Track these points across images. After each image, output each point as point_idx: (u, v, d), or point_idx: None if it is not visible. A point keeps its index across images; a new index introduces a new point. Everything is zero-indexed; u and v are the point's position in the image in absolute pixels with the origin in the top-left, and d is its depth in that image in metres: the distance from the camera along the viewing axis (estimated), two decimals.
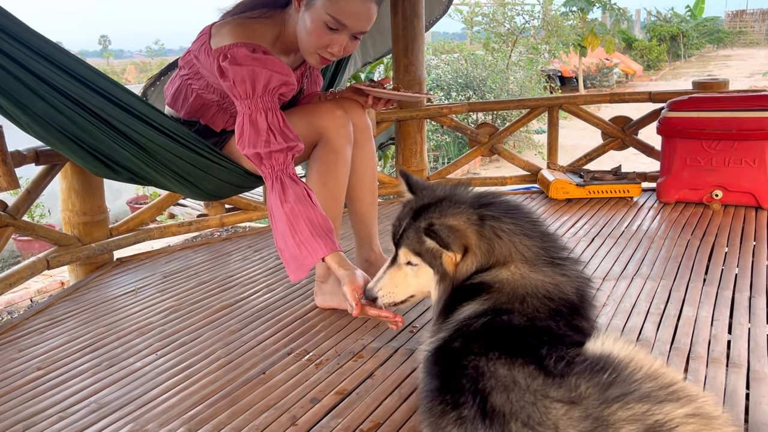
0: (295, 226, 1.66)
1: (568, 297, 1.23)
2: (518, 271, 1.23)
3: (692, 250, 2.41)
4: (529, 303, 1.20)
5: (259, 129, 1.73)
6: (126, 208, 6.56)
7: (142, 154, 1.95)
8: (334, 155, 1.92)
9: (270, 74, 1.74)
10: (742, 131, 2.84)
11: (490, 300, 1.22)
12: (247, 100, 1.74)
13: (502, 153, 3.65)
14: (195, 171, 1.99)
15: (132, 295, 2.23)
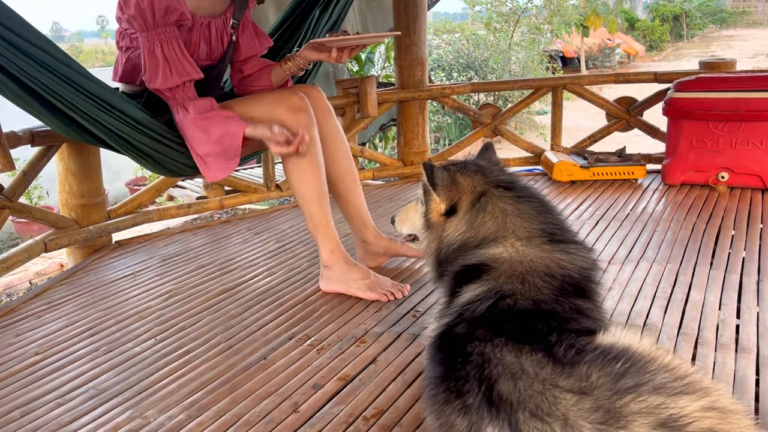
0: (207, 123, 1.86)
1: (571, 274, 1.20)
2: (513, 248, 1.22)
3: (698, 233, 2.37)
4: (530, 282, 1.18)
5: (157, 61, 1.82)
6: (125, 190, 6.52)
7: (109, 132, 1.94)
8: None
9: (153, 1, 1.76)
10: (749, 112, 2.80)
11: (490, 281, 1.20)
12: (145, 32, 1.81)
13: (505, 134, 3.60)
14: (155, 154, 1.99)
15: (131, 279, 2.20)
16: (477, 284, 1.21)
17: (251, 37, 2.14)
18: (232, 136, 1.85)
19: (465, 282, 1.23)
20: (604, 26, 14.24)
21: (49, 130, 2.23)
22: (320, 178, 1.95)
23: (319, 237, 1.96)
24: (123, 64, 1.99)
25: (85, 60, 18.98)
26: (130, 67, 1.98)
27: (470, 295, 1.21)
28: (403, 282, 2.01)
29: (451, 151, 3.69)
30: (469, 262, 1.25)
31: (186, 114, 1.89)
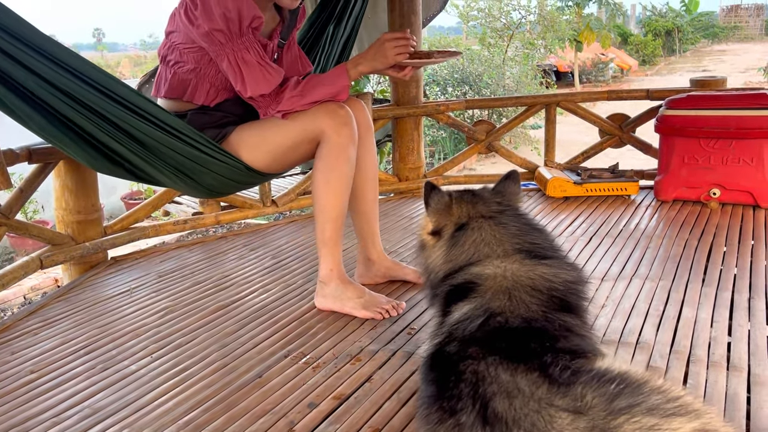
0: (306, 90, 1.88)
1: (557, 287, 1.22)
2: (495, 266, 1.25)
3: (690, 249, 2.40)
4: (517, 297, 1.19)
5: (251, 66, 1.82)
6: (120, 204, 6.52)
7: (139, 149, 1.87)
8: (337, 154, 1.89)
9: (239, 7, 1.78)
10: (740, 130, 2.83)
11: (477, 298, 1.22)
12: (229, 43, 1.81)
13: (499, 151, 3.63)
14: (194, 166, 1.92)
15: (126, 296, 2.20)
16: (465, 302, 1.23)
17: (295, 59, 2.16)
18: (336, 90, 1.91)
19: (454, 301, 1.25)
20: (598, 41, 14.37)
21: (47, 147, 2.25)
22: (345, 196, 1.94)
23: (324, 252, 1.96)
24: (169, 80, 1.96)
25: None
26: (176, 82, 1.96)
27: (459, 314, 1.23)
28: (398, 299, 2.03)
29: (446, 166, 3.71)
30: (456, 281, 1.28)
31: (279, 103, 1.89)
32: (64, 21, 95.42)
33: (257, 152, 1.95)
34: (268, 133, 1.94)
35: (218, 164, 1.94)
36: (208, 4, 1.77)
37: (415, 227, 2.91)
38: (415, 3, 3.32)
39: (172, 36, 1.91)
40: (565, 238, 2.62)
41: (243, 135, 1.96)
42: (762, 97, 2.83)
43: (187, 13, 1.80)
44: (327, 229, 1.94)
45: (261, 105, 1.91)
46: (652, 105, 3.36)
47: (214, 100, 1.99)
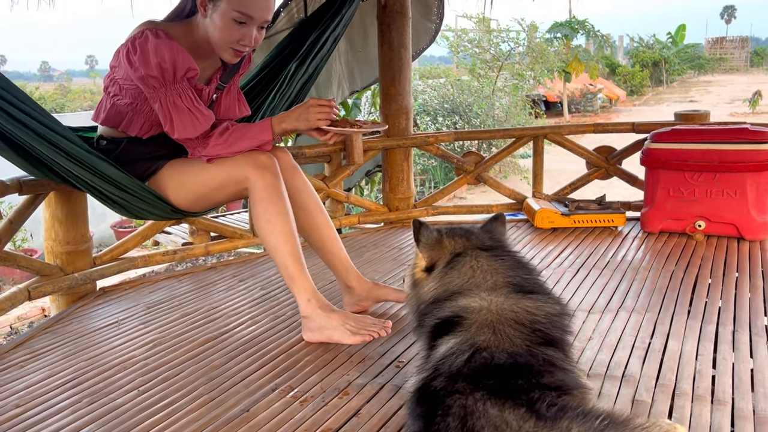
0: (231, 140, 1.99)
1: (539, 320, 1.24)
2: (481, 298, 1.27)
3: (676, 281, 2.43)
4: (501, 332, 1.21)
5: (181, 111, 1.94)
6: (110, 232, 6.51)
7: (79, 180, 2.09)
8: (267, 195, 1.98)
9: (174, 59, 1.89)
10: (723, 163, 2.89)
11: (462, 332, 1.23)
12: (162, 88, 1.92)
13: (488, 182, 3.67)
14: (124, 202, 2.13)
15: (114, 327, 2.20)
16: (451, 336, 1.25)
17: (233, 102, 2.26)
18: (259, 141, 2.03)
19: (440, 335, 1.26)
20: (586, 72, 14.62)
21: (37, 179, 2.26)
22: (289, 228, 1.98)
23: (294, 288, 1.99)
24: (107, 109, 2.08)
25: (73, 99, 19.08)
26: (114, 112, 2.08)
27: (445, 348, 1.24)
28: (388, 318, 2.04)
29: (436, 197, 3.75)
30: (442, 314, 1.30)
31: (209, 143, 2.00)
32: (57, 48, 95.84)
33: (182, 192, 2.09)
34: (194, 175, 2.07)
35: (143, 202, 2.11)
36: (146, 52, 1.88)
37: (404, 257, 2.93)
38: (405, 37, 3.39)
39: (115, 70, 2.02)
40: (552, 269, 2.65)
41: (171, 172, 2.09)
42: (743, 132, 2.89)
43: (128, 55, 1.91)
44: (288, 264, 1.98)
45: (188, 146, 2.04)
46: (637, 138, 3.42)
47: (147, 133, 2.11)
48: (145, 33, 1.90)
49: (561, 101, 15.40)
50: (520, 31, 11.93)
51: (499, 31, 11.98)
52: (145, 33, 1.90)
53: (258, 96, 2.59)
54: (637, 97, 21.19)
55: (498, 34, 11.89)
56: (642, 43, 26.29)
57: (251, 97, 2.56)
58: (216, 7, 1.91)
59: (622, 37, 30.70)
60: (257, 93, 2.59)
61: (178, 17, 2.05)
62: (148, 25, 1.94)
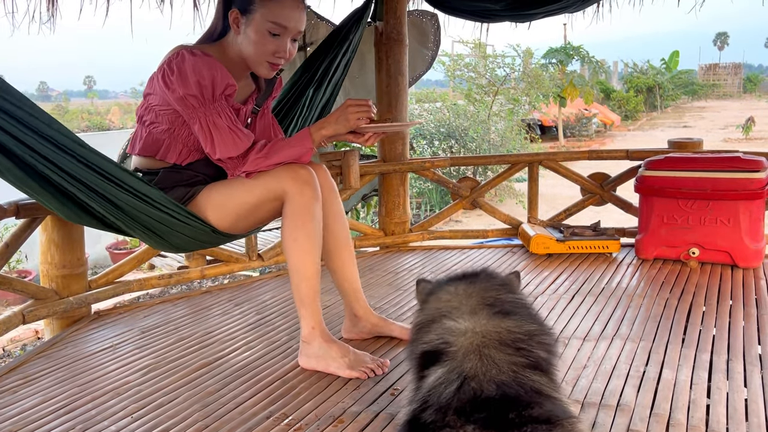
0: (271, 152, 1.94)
1: (521, 338, 1.24)
2: (464, 320, 1.27)
3: (671, 309, 2.43)
4: (488, 356, 1.20)
5: (221, 131, 1.90)
6: (106, 254, 6.49)
7: (112, 209, 1.95)
8: (301, 212, 1.94)
9: (213, 76, 1.87)
10: (716, 191, 2.92)
11: (449, 360, 1.22)
12: (201, 108, 1.89)
13: (483, 207, 3.69)
14: (162, 227, 2.01)
15: (109, 352, 2.19)
16: (439, 365, 1.24)
17: (267, 126, 2.24)
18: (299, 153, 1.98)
19: (428, 365, 1.25)
20: (581, 97, 14.76)
21: (35, 203, 2.26)
22: (316, 254, 1.98)
23: (303, 312, 1.98)
24: (143, 138, 2.03)
25: (70, 120, 19.16)
26: (151, 140, 2.03)
27: (434, 378, 1.23)
28: (383, 356, 2.04)
29: (432, 221, 3.76)
30: (428, 337, 1.29)
31: (245, 164, 1.95)
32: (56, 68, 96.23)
33: (222, 211, 2.02)
34: (233, 192, 2.01)
35: (184, 226, 2.02)
36: (184, 71, 1.86)
37: (400, 282, 2.93)
38: (402, 64, 3.43)
39: (150, 98, 1.99)
40: (548, 295, 2.66)
41: (210, 194, 2.03)
42: (736, 160, 2.92)
43: (164, 77, 1.89)
44: (302, 287, 1.96)
45: (229, 167, 1.99)
46: (632, 165, 3.45)
47: (185, 159, 2.05)
48: (181, 53, 1.88)
49: (556, 126, 15.53)
50: (515, 57, 12.07)
51: (494, 56, 12.11)
52: (180, 53, 1.88)
53: (281, 123, 2.61)
54: (632, 122, 21.37)
55: (494, 59, 12.01)
56: (636, 69, 26.59)
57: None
58: (249, 21, 1.92)
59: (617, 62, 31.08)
60: (280, 120, 2.61)
61: (209, 40, 2.04)
62: (182, 47, 1.93)
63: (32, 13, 2.93)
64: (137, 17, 3.17)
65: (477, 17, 3.16)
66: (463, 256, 3.38)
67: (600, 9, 3.80)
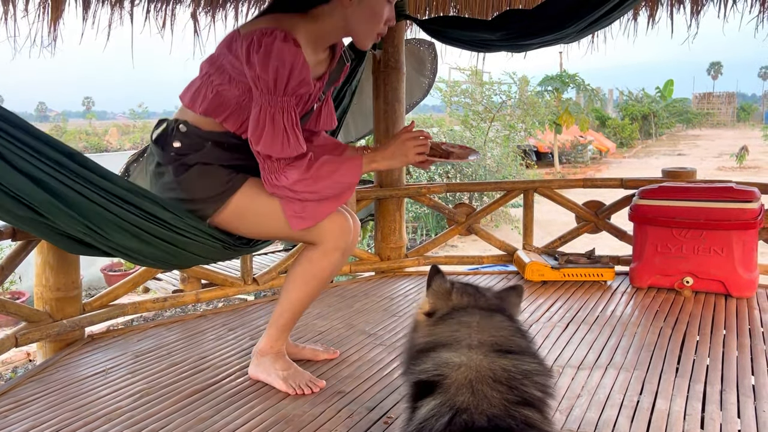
0: (318, 175, 1.84)
1: (515, 377, 1.24)
2: (463, 354, 1.27)
3: (664, 338, 2.44)
4: (480, 391, 1.20)
5: (276, 128, 1.80)
6: (100, 275, 6.47)
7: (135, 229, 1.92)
8: (327, 263, 1.97)
9: (293, 65, 1.77)
10: (709, 221, 2.94)
11: (442, 393, 1.22)
12: (269, 96, 1.79)
13: (479, 233, 3.71)
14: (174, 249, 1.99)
15: (101, 376, 2.18)
16: (431, 398, 1.24)
17: (330, 112, 2.19)
18: (346, 185, 1.90)
19: (422, 395, 1.25)
20: (576, 124, 14.89)
21: None
22: (315, 297, 2.06)
23: (271, 332, 2.06)
24: (209, 99, 1.90)
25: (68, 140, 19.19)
26: (218, 102, 1.90)
27: (426, 410, 1.23)
28: (376, 383, 2.04)
29: (428, 246, 3.77)
30: (424, 367, 1.28)
31: (285, 177, 1.85)
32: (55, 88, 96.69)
33: (254, 225, 1.99)
34: (274, 213, 1.93)
35: (197, 245, 2.00)
36: (269, 53, 1.75)
37: (395, 308, 2.93)
38: (399, 91, 3.47)
39: (225, 57, 1.87)
40: (542, 323, 2.66)
41: (251, 197, 1.94)
42: (729, 191, 2.95)
43: (249, 49, 1.78)
44: (285, 317, 2.04)
45: (265, 167, 1.87)
46: (626, 193, 3.48)
47: (244, 132, 1.94)
48: (275, 32, 1.77)
49: (552, 152, 15.64)
50: (511, 84, 12.21)
51: (491, 83, 12.24)
52: (275, 32, 1.77)
53: None
54: (627, 150, 21.53)
55: (490, 86, 12.14)
56: (631, 97, 26.89)
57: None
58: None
59: (612, 90, 31.41)
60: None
61: (296, 8, 1.91)
62: (277, 23, 1.81)
63: (33, 37, 2.97)
64: (138, 42, 3.22)
65: (474, 47, 3.20)
66: None
67: (595, 39, 3.88)
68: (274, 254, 4.12)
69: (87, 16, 2.92)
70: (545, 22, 2.80)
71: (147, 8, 3.15)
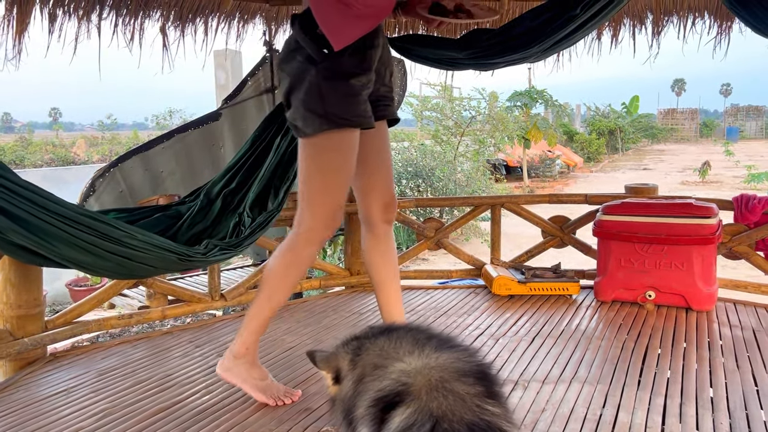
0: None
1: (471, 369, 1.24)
2: (412, 360, 1.26)
3: (627, 352, 2.49)
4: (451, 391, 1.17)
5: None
6: (65, 290, 6.33)
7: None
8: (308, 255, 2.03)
9: None
10: (670, 236, 3.01)
11: (414, 399, 1.19)
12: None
13: (447, 247, 3.74)
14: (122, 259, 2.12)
15: (63, 396, 2.14)
16: (404, 407, 1.22)
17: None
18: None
19: (389, 408, 1.24)
20: (545, 139, 15.12)
21: None
22: (291, 289, 2.11)
23: (248, 329, 2.06)
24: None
25: (34, 152, 18.79)
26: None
27: (401, 420, 1.21)
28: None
29: None
30: (382, 385, 1.26)
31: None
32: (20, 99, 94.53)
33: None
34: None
35: (151, 258, 2.13)
36: None
37: (364, 323, 2.94)
38: None
39: None
40: (509, 338, 2.69)
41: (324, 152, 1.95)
42: (689, 207, 3.04)
43: None
44: (265, 310, 2.06)
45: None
46: (590, 209, 3.55)
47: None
48: None
49: (521, 166, 15.84)
50: (480, 100, 12.35)
51: (461, 99, 12.38)
52: None
53: (254, 170, 2.66)
54: (594, 164, 21.90)
55: (460, 102, 12.28)
56: (598, 113, 27.39)
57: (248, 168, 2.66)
58: None
59: (580, 105, 31.97)
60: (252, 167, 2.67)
61: None
62: None
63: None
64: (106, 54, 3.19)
65: (442, 65, 3.25)
66: (427, 296, 3.40)
67: (561, 58, 3.96)
68: (243, 269, 4.09)
69: (53, 29, 2.88)
70: (511, 42, 2.86)
71: (115, 22, 3.13)
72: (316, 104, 1.88)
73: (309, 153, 1.96)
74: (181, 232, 2.49)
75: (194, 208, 2.58)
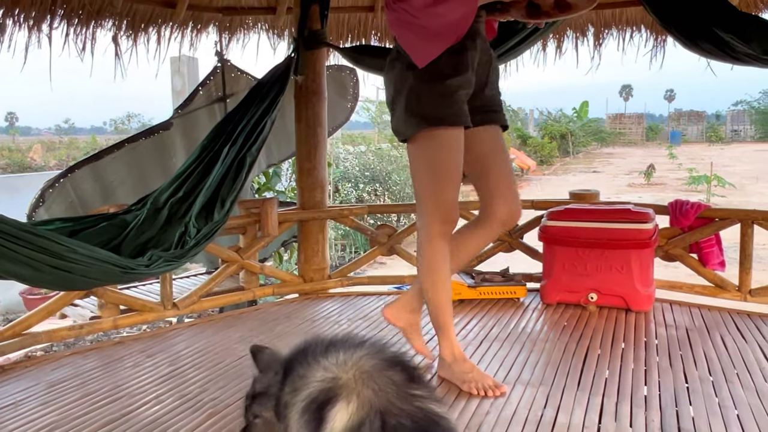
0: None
1: (388, 357, 1.30)
2: (333, 358, 1.28)
3: (569, 353, 2.60)
4: (380, 381, 1.21)
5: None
6: (19, 299, 6.16)
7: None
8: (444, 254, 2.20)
9: None
10: (610, 241, 3.16)
11: (352, 396, 1.20)
12: None
13: (400, 253, 3.81)
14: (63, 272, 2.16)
15: (11, 410, 2.12)
16: (342, 401, 1.20)
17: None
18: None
19: (321, 407, 1.21)
20: None
21: None
22: (449, 286, 2.27)
23: (440, 335, 2.28)
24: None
25: None
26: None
27: (345, 415, 1.18)
28: None
29: (350, 267, 3.84)
30: (311, 389, 1.26)
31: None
32: None
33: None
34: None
35: (93, 271, 2.18)
36: None
37: (317, 331, 2.98)
38: (321, 116, 3.55)
39: None
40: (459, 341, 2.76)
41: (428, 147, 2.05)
42: (626, 212, 3.18)
43: None
44: (439, 316, 2.27)
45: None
46: (537, 214, 3.68)
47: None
48: None
49: None
50: None
51: None
52: None
53: (203, 179, 2.68)
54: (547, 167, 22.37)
55: None
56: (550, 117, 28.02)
57: (196, 177, 2.68)
58: None
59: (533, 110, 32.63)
60: (201, 176, 2.69)
61: None
62: None
63: None
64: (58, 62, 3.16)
65: None
66: (380, 302, 3.46)
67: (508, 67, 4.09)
68: (197, 277, 4.07)
69: (2, 39, 2.85)
70: None
71: (66, 31, 3.10)
72: (414, 106, 2.01)
73: (414, 155, 2.10)
74: (127, 242, 2.49)
75: (141, 217, 2.58)
